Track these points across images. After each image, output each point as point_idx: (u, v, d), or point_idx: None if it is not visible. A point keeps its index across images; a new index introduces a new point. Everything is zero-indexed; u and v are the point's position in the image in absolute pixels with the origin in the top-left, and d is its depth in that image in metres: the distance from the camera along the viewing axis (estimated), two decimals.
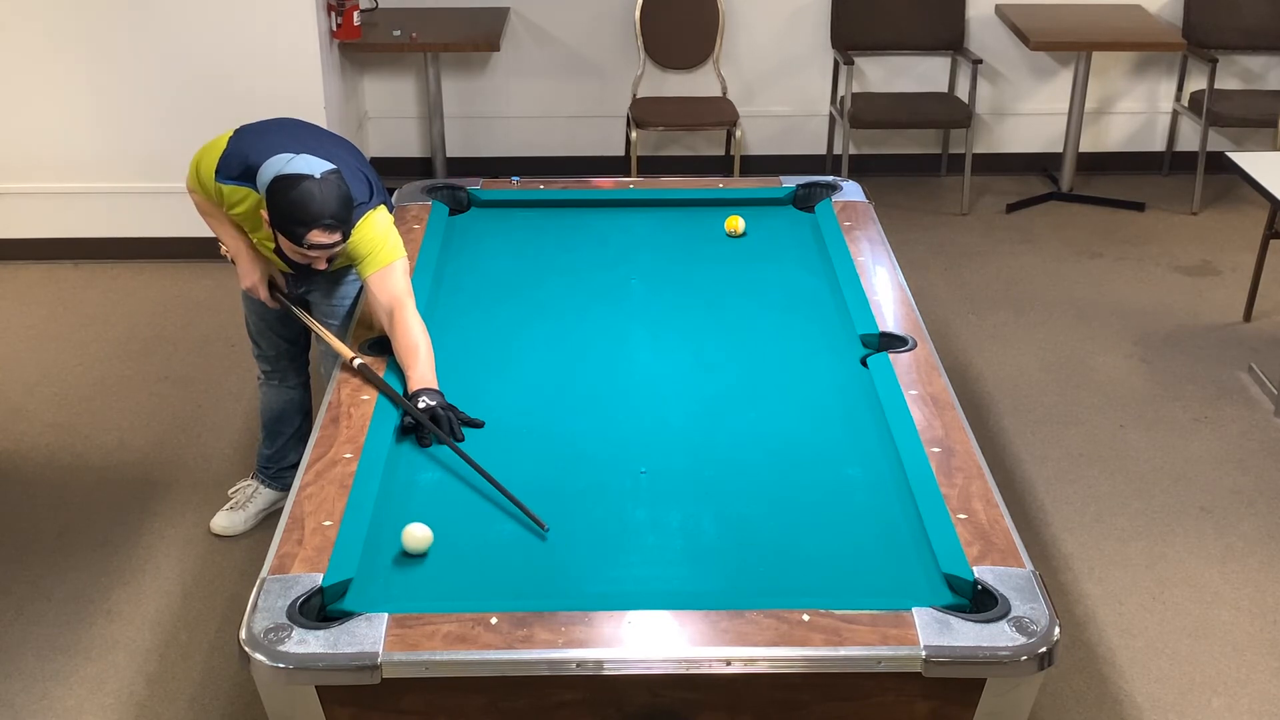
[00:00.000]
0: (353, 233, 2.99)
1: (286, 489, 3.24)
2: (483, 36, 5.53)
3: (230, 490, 3.83)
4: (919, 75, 6.10)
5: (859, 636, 2.15)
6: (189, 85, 5.03)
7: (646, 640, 2.17)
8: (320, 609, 2.25)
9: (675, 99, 5.94)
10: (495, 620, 2.18)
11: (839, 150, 5.99)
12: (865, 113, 5.80)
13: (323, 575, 2.29)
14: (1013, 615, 2.19)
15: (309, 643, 2.13)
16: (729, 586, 2.35)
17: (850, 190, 3.95)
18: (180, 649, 3.29)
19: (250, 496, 3.75)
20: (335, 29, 5.33)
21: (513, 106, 6.09)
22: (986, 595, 2.26)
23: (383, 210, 3.12)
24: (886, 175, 6.17)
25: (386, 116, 6.09)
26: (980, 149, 6.10)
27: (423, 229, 3.66)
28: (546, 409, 2.92)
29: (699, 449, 2.76)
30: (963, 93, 5.96)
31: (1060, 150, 6.06)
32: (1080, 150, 6.04)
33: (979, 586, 2.28)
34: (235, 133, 3.15)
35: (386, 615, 2.18)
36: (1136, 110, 6.24)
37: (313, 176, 2.83)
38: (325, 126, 4.20)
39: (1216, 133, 6.07)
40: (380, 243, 3.06)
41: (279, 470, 3.74)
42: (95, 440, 4.16)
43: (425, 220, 3.72)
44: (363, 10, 5.54)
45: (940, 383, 2.94)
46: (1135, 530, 3.75)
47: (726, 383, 3.02)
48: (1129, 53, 6.04)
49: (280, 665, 2.11)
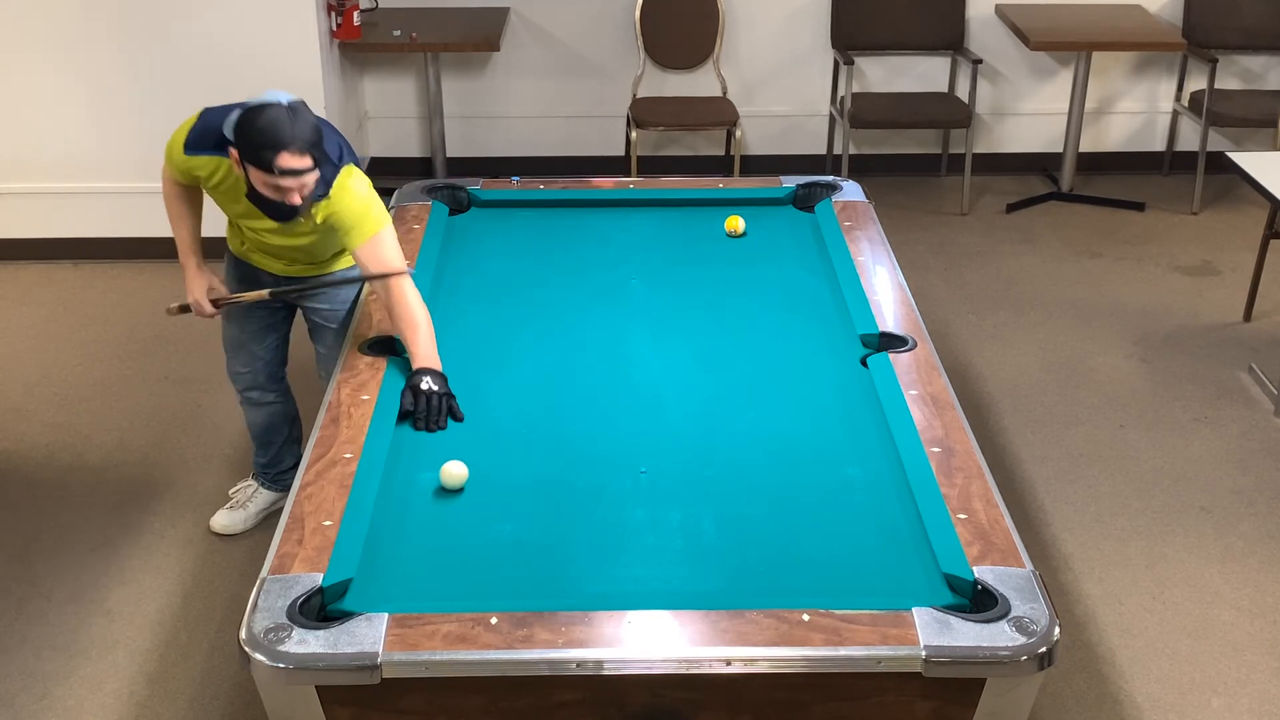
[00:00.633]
0: (333, 201, 2.99)
1: (286, 489, 3.24)
2: (483, 36, 5.53)
3: (231, 490, 3.83)
4: (919, 75, 6.09)
5: (859, 636, 2.15)
6: (189, 85, 5.01)
7: (646, 640, 2.17)
8: (320, 609, 2.25)
9: (675, 99, 5.94)
10: (495, 620, 2.18)
11: (839, 150, 5.98)
12: (865, 113, 5.80)
13: (323, 575, 2.29)
14: (1013, 615, 2.19)
15: (309, 643, 2.13)
16: (729, 586, 2.35)
17: (850, 190, 3.95)
18: (180, 649, 3.29)
19: (251, 496, 3.75)
20: (335, 29, 5.33)
21: (513, 106, 6.08)
22: (986, 595, 2.26)
23: (356, 170, 3.10)
24: (886, 175, 6.17)
25: (386, 116, 6.08)
26: (980, 149, 6.10)
27: (423, 229, 3.66)
28: (546, 409, 2.92)
29: (699, 449, 2.76)
30: (963, 93, 5.96)
31: (1060, 150, 6.06)
32: (1080, 150, 6.04)
33: (979, 586, 2.28)
34: (202, 111, 3.16)
35: (386, 615, 2.18)
36: (1136, 110, 6.23)
37: (279, 104, 2.86)
38: None
39: (1216, 133, 6.06)
40: (364, 211, 3.04)
41: (277, 474, 3.74)
42: (95, 440, 4.16)
43: (425, 220, 3.72)
44: (363, 10, 5.54)
45: (940, 383, 2.94)
46: (1135, 530, 3.75)
47: (726, 383, 3.02)
48: (1129, 53, 6.04)
49: (280, 665, 2.11)
